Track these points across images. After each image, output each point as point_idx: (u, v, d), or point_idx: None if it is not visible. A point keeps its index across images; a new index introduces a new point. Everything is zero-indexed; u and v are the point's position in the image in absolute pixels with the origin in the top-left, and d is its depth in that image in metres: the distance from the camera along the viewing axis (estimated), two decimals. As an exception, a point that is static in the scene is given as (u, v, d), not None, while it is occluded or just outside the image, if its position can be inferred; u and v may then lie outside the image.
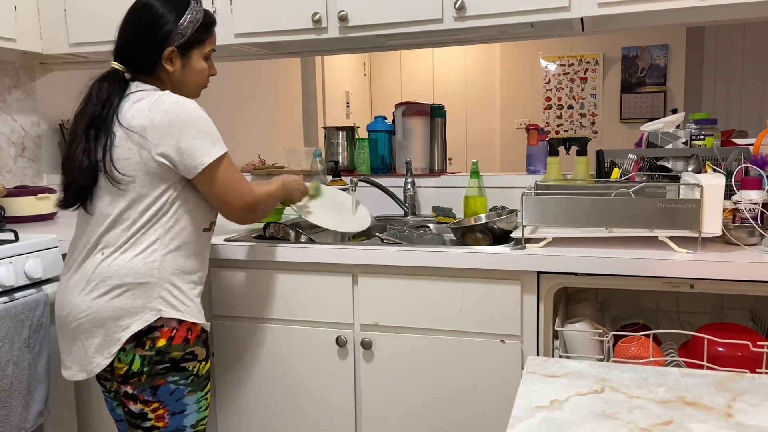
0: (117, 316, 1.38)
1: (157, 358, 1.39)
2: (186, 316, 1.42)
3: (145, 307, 1.38)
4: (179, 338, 1.41)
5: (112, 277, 1.38)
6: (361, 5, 1.98)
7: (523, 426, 0.71)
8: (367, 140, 2.43)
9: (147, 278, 1.39)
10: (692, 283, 1.44)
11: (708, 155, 1.78)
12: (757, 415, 0.72)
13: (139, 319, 1.38)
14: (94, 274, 1.39)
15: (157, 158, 1.37)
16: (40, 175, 2.64)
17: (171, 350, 1.40)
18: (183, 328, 1.42)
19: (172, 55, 1.45)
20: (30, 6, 2.30)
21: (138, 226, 1.39)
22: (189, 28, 1.45)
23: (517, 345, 1.59)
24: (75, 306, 1.40)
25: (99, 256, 1.40)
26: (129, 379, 1.40)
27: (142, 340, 1.38)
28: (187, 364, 1.43)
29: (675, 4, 1.74)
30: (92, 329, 1.39)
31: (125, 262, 1.38)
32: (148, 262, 1.39)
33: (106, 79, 1.45)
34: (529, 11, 1.84)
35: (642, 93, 5.52)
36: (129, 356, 1.38)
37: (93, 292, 1.38)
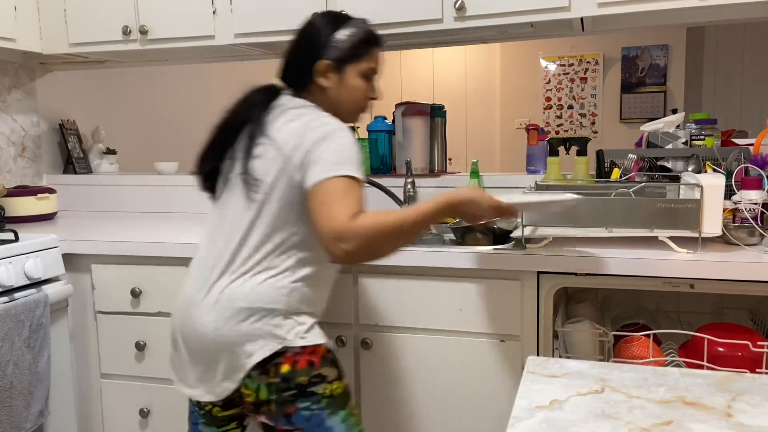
0: (242, 341, 1.29)
1: (283, 385, 1.29)
2: (309, 342, 1.33)
3: (271, 335, 1.30)
4: (303, 363, 1.31)
5: (240, 299, 1.30)
6: (361, 5, 1.98)
7: (523, 426, 0.71)
8: (367, 140, 2.43)
9: (275, 305, 1.30)
10: (692, 283, 1.44)
11: (708, 155, 1.78)
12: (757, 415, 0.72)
13: (263, 347, 1.29)
14: (222, 294, 1.31)
15: (296, 176, 1.29)
16: (40, 175, 2.64)
17: (297, 375, 1.30)
18: (306, 352, 1.31)
19: (326, 70, 1.39)
20: (30, 6, 2.30)
21: (272, 248, 1.31)
22: (345, 42, 1.39)
23: (517, 345, 1.59)
24: (200, 326, 1.32)
25: (227, 276, 1.32)
26: (260, 408, 1.32)
27: (266, 367, 1.29)
28: (316, 387, 1.32)
29: (675, 4, 1.74)
30: (217, 354, 1.31)
31: (255, 286, 1.30)
32: (277, 288, 1.31)
33: (262, 91, 1.42)
34: (529, 11, 1.84)
35: (642, 93, 5.52)
36: (255, 383, 1.30)
37: (219, 314, 1.30)
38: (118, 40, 2.26)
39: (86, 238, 1.93)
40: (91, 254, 1.91)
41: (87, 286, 1.94)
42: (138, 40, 2.23)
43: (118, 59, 2.56)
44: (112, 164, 2.80)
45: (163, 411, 1.91)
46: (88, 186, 2.66)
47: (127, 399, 1.93)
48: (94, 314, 1.95)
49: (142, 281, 1.87)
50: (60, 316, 1.87)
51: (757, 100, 5.11)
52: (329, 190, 1.21)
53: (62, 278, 1.88)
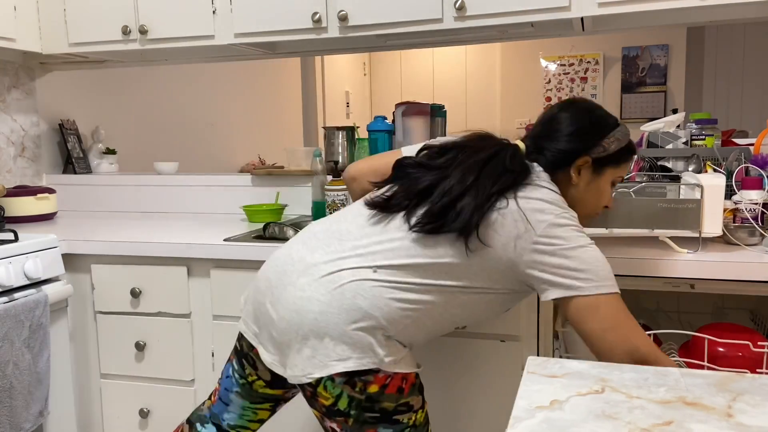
0: (340, 340, 1.18)
1: (366, 404, 1.21)
2: (402, 369, 1.24)
3: (370, 349, 1.19)
4: (393, 387, 1.22)
5: (365, 299, 1.18)
6: (361, 5, 1.97)
7: (523, 426, 0.71)
8: (367, 140, 2.43)
9: (390, 324, 1.19)
10: (692, 283, 1.44)
11: (708, 155, 1.78)
12: (757, 415, 0.72)
13: (358, 359, 1.18)
14: (350, 284, 1.19)
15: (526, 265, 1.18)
16: (39, 175, 2.64)
17: (383, 400, 1.21)
18: (398, 377, 1.23)
19: (584, 165, 1.31)
20: (30, 6, 2.30)
21: (429, 283, 1.20)
22: (613, 145, 1.31)
23: (517, 345, 1.59)
24: (305, 299, 1.21)
25: (364, 272, 1.20)
26: (335, 416, 1.23)
27: (354, 379, 1.19)
28: (401, 416, 1.24)
29: (675, 4, 1.74)
30: (308, 336, 1.20)
31: (386, 298, 1.19)
32: (403, 314, 1.20)
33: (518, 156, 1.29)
34: (529, 11, 1.84)
35: (642, 93, 5.52)
36: (337, 390, 1.20)
37: (334, 301, 1.19)
38: (118, 39, 2.26)
39: (86, 238, 1.93)
40: (91, 254, 1.91)
41: (87, 286, 1.94)
42: (138, 40, 2.23)
43: (117, 59, 2.56)
44: (112, 164, 2.80)
45: (163, 411, 1.90)
46: (87, 186, 2.66)
47: (127, 399, 1.93)
48: (93, 314, 1.94)
49: (142, 281, 1.87)
50: (60, 316, 1.87)
51: (757, 100, 5.11)
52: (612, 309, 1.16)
53: (62, 278, 1.88)
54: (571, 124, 1.32)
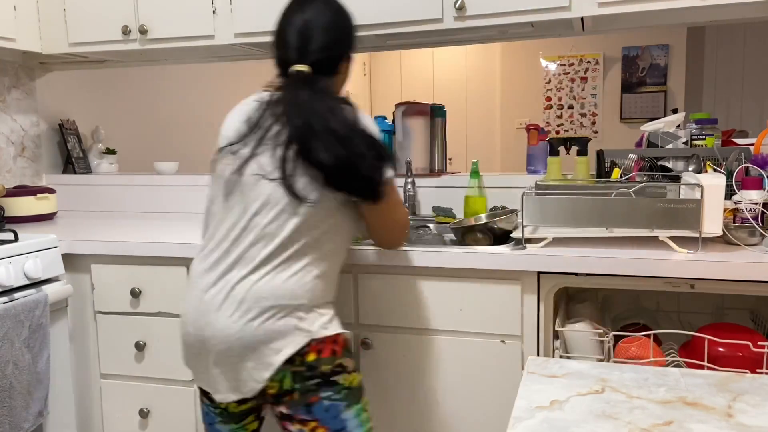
0: (269, 339, 1.30)
1: (308, 373, 1.32)
2: (331, 331, 1.36)
3: (297, 329, 1.32)
4: (327, 351, 1.34)
5: (267, 298, 1.31)
6: (361, 5, 1.97)
7: (523, 426, 0.71)
8: (367, 140, 2.42)
9: (301, 300, 1.33)
10: (692, 283, 1.44)
11: (708, 155, 1.78)
12: (757, 415, 0.72)
13: (291, 342, 1.31)
14: (248, 294, 1.31)
15: None
16: (39, 175, 2.64)
17: (321, 364, 1.33)
18: (329, 341, 1.35)
19: (347, 61, 1.47)
20: (30, 6, 2.30)
21: (298, 246, 1.33)
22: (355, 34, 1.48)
23: (517, 345, 1.59)
24: (223, 329, 1.31)
25: (252, 276, 1.32)
26: (282, 398, 1.33)
27: (292, 357, 1.31)
28: (338, 377, 1.35)
29: (675, 4, 1.74)
30: (244, 353, 1.31)
31: (280, 283, 1.32)
32: (302, 284, 1.33)
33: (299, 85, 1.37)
34: (529, 11, 1.84)
35: (642, 93, 5.52)
36: (280, 375, 1.32)
37: (245, 316, 1.30)
38: (118, 39, 2.26)
39: (86, 238, 1.93)
40: (91, 254, 1.91)
41: (87, 286, 1.94)
42: (138, 39, 2.23)
43: (117, 59, 2.56)
44: (112, 164, 2.80)
45: (163, 411, 1.90)
46: (87, 186, 2.66)
47: (127, 399, 1.93)
48: (93, 314, 1.94)
49: (142, 281, 1.87)
50: (60, 316, 1.87)
51: (758, 100, 5.10)
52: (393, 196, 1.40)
53: (62, 278, 1.87)
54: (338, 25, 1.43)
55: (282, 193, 1.33)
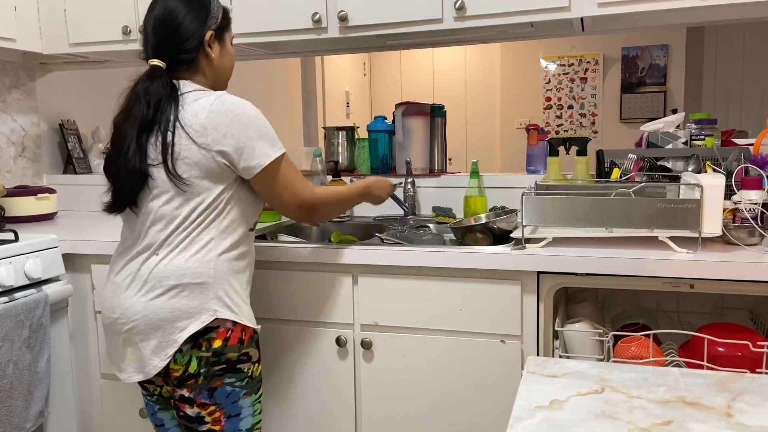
0: (173, 318, 1.35)
1: (213, 359, 1.37)
2: (240, 319, 1.41)
3: (202, 308, 1.36)
4: (234, 339, 1.39)
5: (168, 277, 1.36)
6: (361, 5, 1.98)
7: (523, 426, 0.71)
8: (367, 140, 2.43)
9: (203, 278, 1.37)
10: (692, 283, 1.44)
11: (708, 155, 1.78)
12: (757, 415, 0.72)
13: (195, 320, 1.36)
14: (151, 275, 1.36)
15: (217, 157, 1.36)
16: (40, 175, 2.64)
17: (227, 351, 1.38)
18: (237, 329, 1.40)
19: (211, 40, 1.45)
20: (30, 6, 2.30)
21: (194, 225, 1.38)
22: (219, 11, 1.47)
23: (517, 345, 1.59)
24: (129, 308, 1.37)
25: (155, 257, 1.38)
26: (185, 381, 1.37)
27: (199, 341, 1.36)
28: (243, 365, 1.41)
29: (675, 4, 1.74)
30: (148, 331, 1.36)
31: (182, 262, 1.36)
32: (204, 261, 1.37)
33: (151, 79, 1.41)
34: (529, 11, 1.84)
35: (642, 93, 5.52)
36: (186, 357, 1.36)
37: (149, 294, 1.36)
38: (118, 40, 2.26)
39: (86, 238, 1.93)
40: (91, 254, 1.91)
41: (87, 286, 1.94)
42: (138, 40, 2.23)
43: (118, 59, 2.56)
44: (112, 164, 2.79)
45: (163, 411, 1.91)
46: (88, 186, 2.66)
47: (127, 399, 1.93)
48: (94, 314, 1.95)
49: (142, 281, 1.87)
50: (60, 316, 1.87)
51: (757, 100, 5.11)
52: (282, 170, 1.42)
53: (62, 278, 1.88)
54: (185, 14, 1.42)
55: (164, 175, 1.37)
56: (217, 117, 1.36)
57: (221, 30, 1.48)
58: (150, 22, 1.43)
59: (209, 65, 1.47)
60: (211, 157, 1.36)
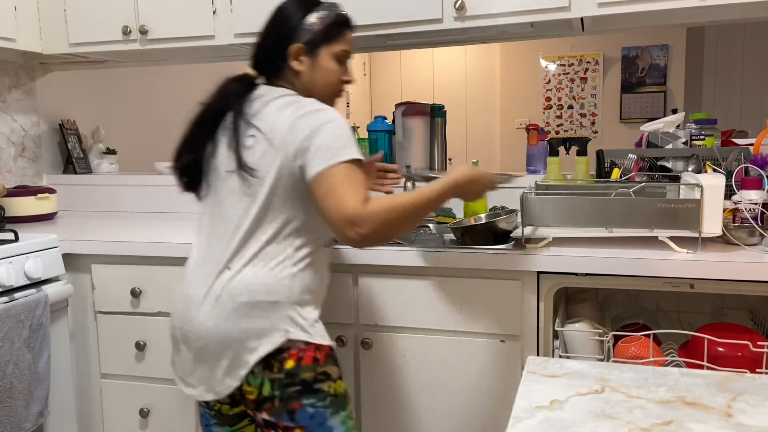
0: (245, 337, 1.28)
1: (287, 380, 1.28)
2: (314, 338, 1.31)
3: (273, 328, 1.28)
4: (308, 359, 1.30)
5: (241, 294, 1.28)
6: (361, 5, 1.97)
7: (523, 426, 0.71)
8: (367, 140, 2.43)
9: (277, 296, 1.29)
10: (692, 283, 1.44)
11: (708, 155, 1.78)
12: (757, 415, 0.72)
13: (267, 342, 1.28)
14: (223, 291, 1.29)
15: (293, 165, 1.28)
16: (39, 175, 2.64)
17: (301, 372, 1.29)
18: (310, 348, 1.30)
19: (299, 53, 1.38)
20: (30, 6, 2.30)
21: (268, 238, 1.30)
22: (317, 24, 1.39)
23: (517, 345, 1.59)
24: (200, 324, 1.30)
25: (227, 272, 1.30)
26: (262, 405, 1.30)
27: (270, 362, 1.28)
28: (322, 384, 1.31)
29: (675, 4, 1.74)
30: (220, 350, 1.29)
31: (255, 278, 1.28)
32: (278, 278, 1.29)
33: (238, 80, 1.41)
34: (529, 11, 1.84)
35: (642, 93, 5.52)
36: (258, 379, 1.28)
37: (221, 311, 1.29)
38: (118, 40, 2.26)
39: (86, 238, 1.93)
40: (91, 254, 1.91)
41: (87, 286, 1.94)
42: (138, 40, 2.23)
43: (118, 59, 2.56)
44: (112, 164, 2.80)
45: (163, 411, 1.91)
46: (88, 186, 2.66)
47: (127, 399, 1.93)
48: (94, 314, 1.95)
49: (142, 281, 1.87)
50: (60, 316, 1.87)
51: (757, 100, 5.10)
52: (335, 177, 1.23)
53: (62, 278, 1.88)
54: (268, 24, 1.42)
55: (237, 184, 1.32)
56: (297, 122, 1.28)
57: (315, 44, 1.39)
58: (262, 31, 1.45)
59: (297, 77, 1.40)
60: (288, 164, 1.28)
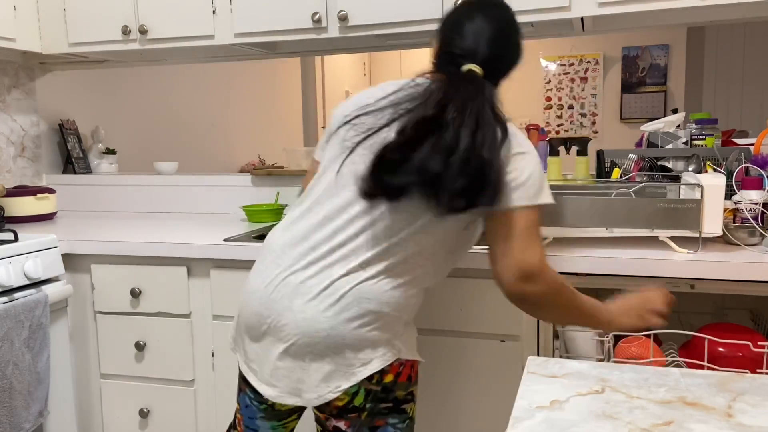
0: (359, 347, 1.18)
1: (382, 395, 1.21)
2: (414, 355, 1.27)
3: (389, 343, 1.21)
4: (405, 376, 1.24)
5: (370, 300, 1.17)
6: (361, 5, 1.97)
7: (523, 426, 0.71)
8: (367, 140, 2.42)
9: (401, 312, 1.21)
10: (692, 283, 1.44)
11: (708, 155, 1.78)
12: (757, 415, 0.72)
13: (381, 357, 1.19)
14: (351, 291, 1.17)
15: None
16: (39, 175, 2.64)
17: (396, 388, 1.23)
18: (408, 365, 1.25)
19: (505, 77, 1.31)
20: (30, 6, 2.30)
21: (412, 253, 1.20)
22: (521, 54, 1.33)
23: (517, 345, 1.59)
24: (311, 320, 1.17)
25: (361, 272, 1.18)
26: (347, 414, 1.21)
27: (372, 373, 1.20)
28: (407, 405, 1.26)
29: (675, 4, 1.74)
30: (326, 353, 1.18)
31: (388, 288, 1.19)
32: (407, 295, 1.22)
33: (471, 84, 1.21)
34: (529, 11, 1.84)
35: (642, 93, 5.52)
36: (354, 388, 1.19)
37: (341, 312, 1.17)
38: (118, 39, 2.26)
39: (86, 238, 1.93)
40: (91, 254, 1.91)
41: (87, 286, 1.94)
42: (138, 40, 2.23)
43: (117, 59, 2.56)
44: (112, 164, 2.80)
45: (163, 411, 1.90)
46: (87, 186, 2.66)
47: (127, 399, 1.93)
48: (93, 314, 1.94)
49: (142, 281, 1.87)
50: (60, 316, 1.87)
51: (758, 100, 5.10)
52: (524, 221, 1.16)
53: (62, 278, 1.88)
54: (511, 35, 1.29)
55: None
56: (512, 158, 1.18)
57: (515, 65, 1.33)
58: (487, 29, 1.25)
59: None
60: None
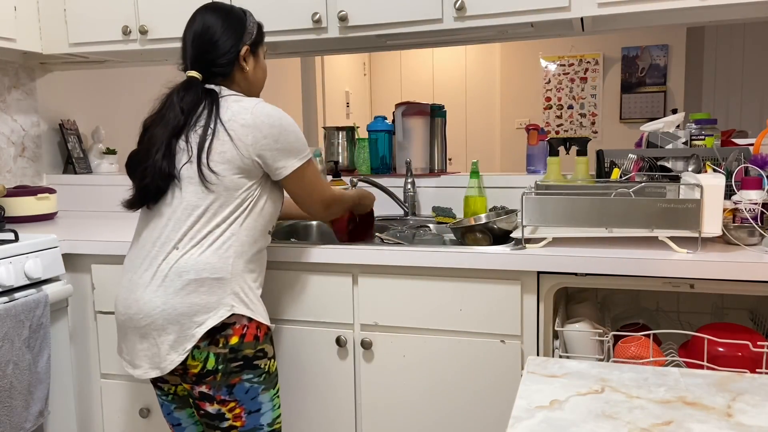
0: (192, 312, 1.38)
1: (231, 355, 1.41)
2: (256, 315, 1.45)
3: (219, 303, 1.40)
4: (250, 336, 1.43)
5: (188, 271, 1.39)
6: (361, 5, 1.98)
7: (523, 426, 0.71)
8: (367, 140, 2.43)
9: (222, 273, 1.41)
10: (692, 283, 1.44)
11: (708, 155, 1.78)
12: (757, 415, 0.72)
13: (213, 315, 1.39)
14: (171, 270, 1.39)
15: (252, 155, 1.43)
16: (39, 175, 2.64)
17: (243, 347, 1.42)
18: (252, 325, 1.44)
19: (246, 54, 1.53)
20: (30, 6, 2.30)
21: (217, 221, 1.42)
22: (254, 27, 1.56)
23: (517, 345, 1.59)
24: (147, 302, 1.40)
25: (175, 252, 1.41)
26: (204, 378, 1.41)
27: (216, 337, 1.40)
28: (259, 361, 1.45)
29: (675, 4, 1.74)
30: (166, 326, 1.39)
31: (202, 257, 1.40)
32: (223, 257, 1.41)
33: (187, 89, 1.49)
34: (529, 11, 1.84)
35: (642, 93, 5.52)
36: (203, 354, 1.39)
37: (168, 288, 1.39)
38: (118, 40, 2.26)
39: (86, 238, 1.93)
40: (91, 254, 1.91)
41: (87, 286, 1.94)
42: (138, 40, 2.23)
43: (118, 59, 2.56)
44: (112, 164, 2.80)
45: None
46: (88, 186, 2.66)
47: (127, 399, 1.93)
48: (94, 314, 1.95)
49: (142, 281, 1.87)
50: (60, 316, 1.87)
51: (757, 100, 5.10)
52: (309, 174, 1.53)
53: (62, 278, 1.88)
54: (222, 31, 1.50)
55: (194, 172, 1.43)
56: (258, 119, 1.43)
57: (256, 45, 1.56)
58: (189, 36, 1.52)
59: (244, 78, 1.55)
60: (248, 155, 1.42)
